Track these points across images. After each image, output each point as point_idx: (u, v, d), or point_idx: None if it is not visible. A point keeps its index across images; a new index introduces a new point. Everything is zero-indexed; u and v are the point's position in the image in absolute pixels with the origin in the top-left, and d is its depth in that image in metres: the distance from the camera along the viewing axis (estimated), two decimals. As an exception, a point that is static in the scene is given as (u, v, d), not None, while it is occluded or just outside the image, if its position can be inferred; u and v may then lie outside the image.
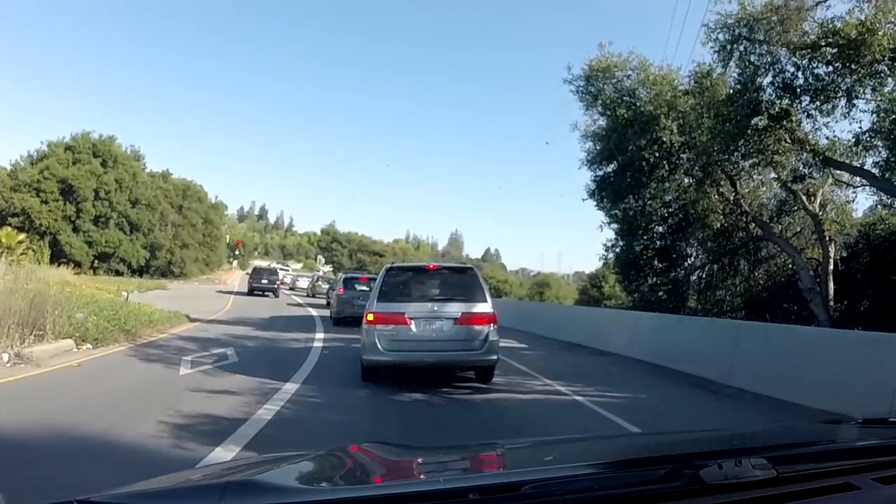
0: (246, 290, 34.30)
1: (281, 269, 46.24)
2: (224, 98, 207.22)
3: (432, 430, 6.06)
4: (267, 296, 33.24)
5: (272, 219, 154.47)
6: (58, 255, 38.19)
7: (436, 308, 8.02)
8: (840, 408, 6.65)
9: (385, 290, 8.29)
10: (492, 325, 8.13)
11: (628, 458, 1.79)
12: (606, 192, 20.18)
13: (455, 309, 8.03)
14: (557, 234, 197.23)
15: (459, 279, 8.64)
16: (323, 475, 1.55)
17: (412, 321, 7.92)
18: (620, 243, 21.45)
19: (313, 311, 23.43)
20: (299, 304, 28.73)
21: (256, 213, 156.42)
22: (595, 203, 21.02)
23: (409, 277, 8.81)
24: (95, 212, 43.36)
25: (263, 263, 49.97)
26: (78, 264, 39.55)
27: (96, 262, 43.82)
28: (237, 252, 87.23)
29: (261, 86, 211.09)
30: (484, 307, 8.17)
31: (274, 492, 1.21)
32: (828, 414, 6.63)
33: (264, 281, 34.94)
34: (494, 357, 8.28)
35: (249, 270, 43.69)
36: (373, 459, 1.73)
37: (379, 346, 7.88)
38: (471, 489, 1.24)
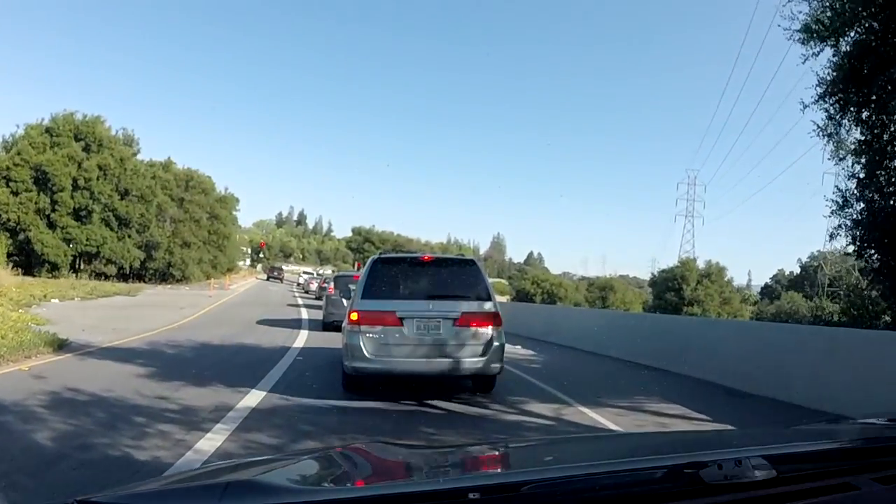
0: (246, 298, 34.55)
1: (305, 274, 57.95)
2: (264, 102, 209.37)
3: None
4: (275, 283, 57.92)
5: (311, 224, 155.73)
6: (30, 255, 34.64)
7: (432, 307, 7.07)
8: None
9: (372, 284, 7.26)
10: (497, 327, 7.27)
11: (628, 458, 1.79)
12: (876, 82, 9.48)
13: (455, 308, 7.10)
14: (601, 236, 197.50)
15: (460, 273, 7.69)
16: (323, 475, 1.55)
17: (404, 322, 6.97)
18: (869, 197, 10.52)
19: (305, 315, 21.98)
20: (297, 306, 28.03)
21: (295, 218, 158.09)
22: (829, 109, 10.64)
23: (401, 270, 7.75)
24: (74, 203, 36.99)
25: (278, 264, 74.88)
26: (54, 265, 35.65)
27: (80, 263, 38.69)
28: (262, 255, 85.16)
29: (304, 90, 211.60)
30: (488, 306, 7.30)
31: (274, 492, 1.21)
32: None
33: (275, 273, 65.66)
34: (499, 365, 7.40)
35: (268, 267, 73.20)
36: (373, 459, 1.73)
37: (364, 350, 6.88)
38: (471, 489, 1.23)
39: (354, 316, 7.06)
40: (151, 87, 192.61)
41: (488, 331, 7.17)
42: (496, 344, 7.18)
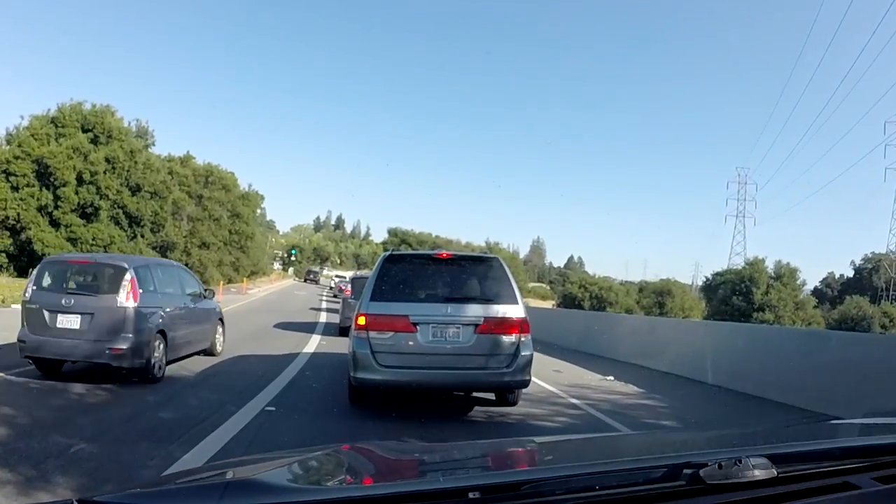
0: (262, 304, 33.11)
1: (336, 278, 55.69)
2: (303, 108, 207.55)
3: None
4: (310, 286, 59.71)
5: (349, 228, 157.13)
6: (32, 256, 30.94)
7: (450, 311, 6.30)
8: None
9: (383, 285, 6.50)
10: (524, 335, 6.44)
11: (628, 458, 1.79)
12: None
13: (476, 312, 6.34)
14: (641, 240, 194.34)
15: (481, 273, 6.86)
16: (323, 475, 1.56)
17: (419, 327, 6.21)
18: None
19: (323, 319, 20.91)
20: (317, 310, 26.91)
21: (333, 222, 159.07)
22: None
23: (416, 269, 6.97)
24: (79, 199, 33.41)
25: (315, 268, 79.88)
26: None
27: None
28: (293, 258, 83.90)
29: (344, 94, 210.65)
30: (514, 310, 6.48)
31: (274, 492, 1.21)
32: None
33: (311, 276, 71.28)
34: (527, 378, 6.60)
35: (305, 270, 79.23)
36: (373, 459, 1.74)
37: (373, 360, 6.13)
38: (471, 489, 1.24)
39: (362, 320, 6.28)
40: (187, 95, 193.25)
41: (514, 339, 6.37)
42: (524, 354, 6.37)
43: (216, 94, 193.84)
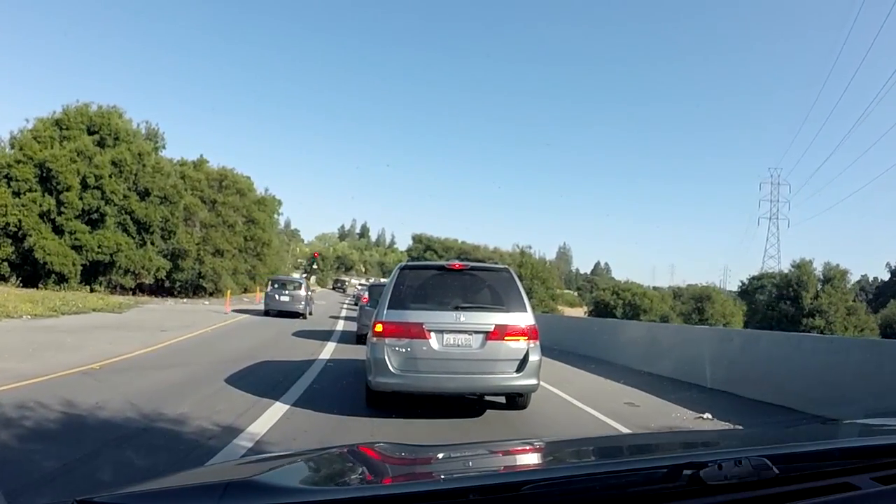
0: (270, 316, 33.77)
1: (360, 286, 55.88)
2: (327, 117, 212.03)
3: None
4: (338, 292, 69.81)
5: (374, 236, 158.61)
6: (35, 265, 30.46)
7: (463, 318, 6.64)
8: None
9: (398, 294, 6.89)
10: (533, 341, 6.78)
11: (628, 458, 1.79)
12: None
13: (487, 320, 6.68)
14: (668, 245, 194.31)
15: (492, 282, 7.26)
16: (323, 475, 1.56)
17: (432, 334, 6.55)
18: None
19: (340, 327, 21.40)
20: (336, 318, 27.02)
21: (358, 231, 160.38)
22: None
23: (430, 279, 7.33)
24: (83, 205, 31.55)
25: (343, 277, 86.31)
26: (61, 277, 30.82)
27: (98, 274, 32.87)
28: (315, 266, 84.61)
29: (364, 106, 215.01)
30: (524, 318, 6.82)
31: (274, 492, 1.21)
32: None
33: (338, 285, 79.19)
34: (536, 382, 6.88)
35: (333, 279, 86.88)
36: (373, 459, 1.74)
37: (389, 365, 6.47)
38: (471, 489, 1.24)
39: (379, 328, 6.67)
40: (208, 106, 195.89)
41: (523, 345, 6.72)
42: (532, 359, 6.72)
43: (241, 104, 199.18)
